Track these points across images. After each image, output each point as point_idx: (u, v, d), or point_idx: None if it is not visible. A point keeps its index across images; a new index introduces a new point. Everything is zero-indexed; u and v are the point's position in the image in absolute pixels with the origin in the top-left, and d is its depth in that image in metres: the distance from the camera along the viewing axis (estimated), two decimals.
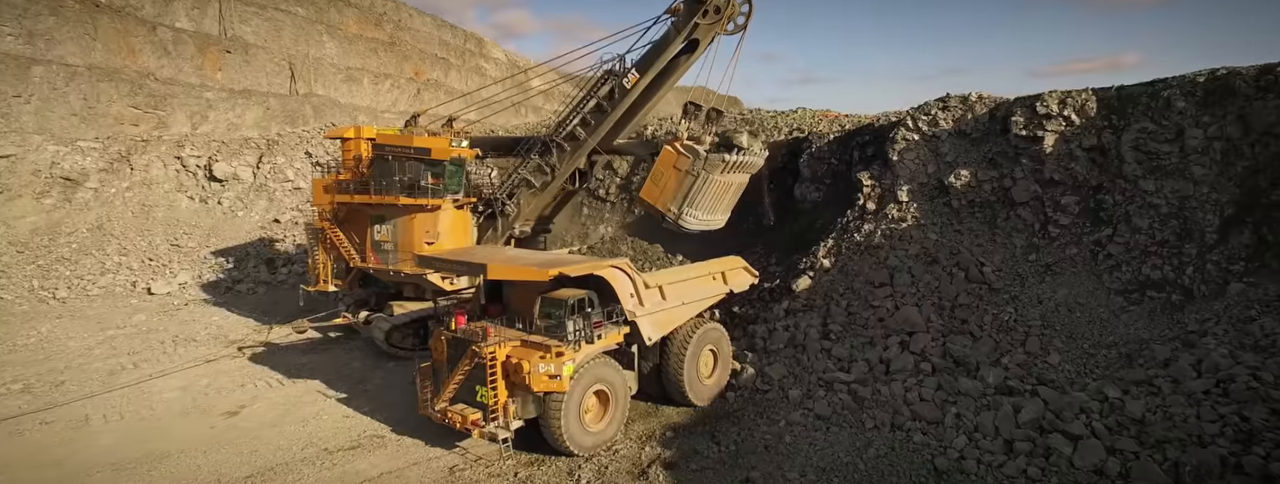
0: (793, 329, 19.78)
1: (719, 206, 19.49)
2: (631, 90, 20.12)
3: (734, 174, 18.93)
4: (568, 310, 14.58)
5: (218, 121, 46.42)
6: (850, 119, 36.63)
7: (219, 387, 17.90)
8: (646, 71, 20.12)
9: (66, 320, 23.84)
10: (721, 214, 20.10)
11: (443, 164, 20.27)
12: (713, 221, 19.84)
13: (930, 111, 22.89)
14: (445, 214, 20.52)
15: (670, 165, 18.77)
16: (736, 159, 18.04)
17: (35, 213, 29.42)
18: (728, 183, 18.94)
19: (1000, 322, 17.26)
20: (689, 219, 18.96)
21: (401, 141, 20.75)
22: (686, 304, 17.03)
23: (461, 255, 15.62)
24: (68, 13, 42.59)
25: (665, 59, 19.99)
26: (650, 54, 20.23)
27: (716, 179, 18.34)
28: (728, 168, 18.22)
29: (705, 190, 18.44)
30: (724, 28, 19.57)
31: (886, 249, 21.30)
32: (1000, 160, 20.77)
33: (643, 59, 20.32)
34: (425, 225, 20.25)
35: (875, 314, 19.10)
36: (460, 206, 21.32)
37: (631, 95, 20.32)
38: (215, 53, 50.05)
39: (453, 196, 20.81)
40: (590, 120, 20.97)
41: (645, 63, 20.24)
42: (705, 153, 18.12)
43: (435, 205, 20.30)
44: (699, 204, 18.65)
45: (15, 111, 37.98)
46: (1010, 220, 19.90)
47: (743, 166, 18.83)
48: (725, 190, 19.11)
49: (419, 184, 20.04)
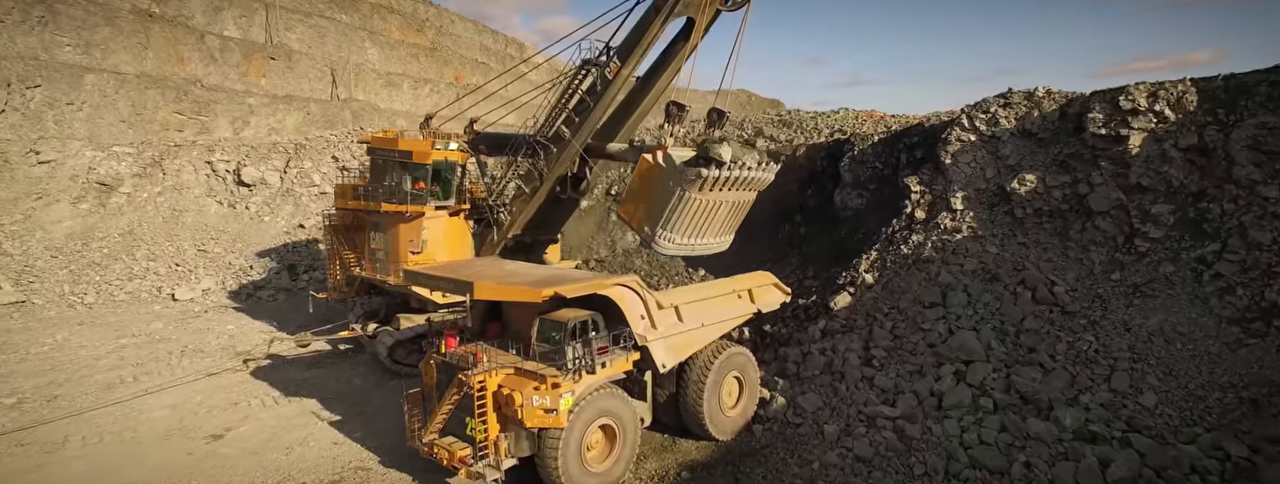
0: (830, 353, 17.38)
1: (707, 228, 16.03)
2: (615, 81, 17.32)
3: (723, 192, 15.27)
4: (567, 334, 12.66)
5: (259, 127, 46.59)
6: (896, 119, 33.77)
7: (211, 405, 16.67)
8: (629, 58, 17.20)
9: (86, 327, 23.28)
10: (714, 237, 16.69)
11: (425, 168, 18.63)
12: (699, 246, 16.43)
13: (989, 109, 20.11)
14: (433, 222, 18.84)
15: (645, 179, 15.76)
16: (717, 175, 14.41)
17: (71, 217, 29.33)
18: (713, 202, 15.31)
19: (1077, 352, 14.49)
20: (664, 242, 15.56)
21: (388, 145, 19.30)
22: (707, 326, 14.88)
23: (449, 270, 13.87)
24: (122, 23, 43.25)
25: (649, 40, 16.97)
26: (632, 37, 17.30)
27: (696, 197, 14.81)
28: (711, 185, 14.66)
29: (683, 210, 14.98)
30: (722, 2, 16.59)
31: (938, 263, 18.66)
32: (1074, 163, 17.84)
33: (624, 44, 17.41)
34: (409, 234, 18.66)
35: (925, 338, 16.54)
36: (455, 214, 19.66)
37: (616, 87, 17.50)
38: (260, 59, 50.42)
39: (439, 203, 19.08)
40: (575, 118, 18.13)
41: (627, 48, 17.32)
42: (681, 166, 14.71)
43: (416, 213, 18.66)
44: (676, 225, 15.25)
45: (68, 118, 38.50)
46: (1086, 232, 16.99)
47: (737, 183, 15.25)
48: (711, 210, 15.49)
49: (401, 189, 18.48)
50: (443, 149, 18.52)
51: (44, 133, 36.05)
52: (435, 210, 18.84)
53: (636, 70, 18.06)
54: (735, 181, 15.06)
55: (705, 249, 16.68)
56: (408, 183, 18.54)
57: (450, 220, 19.38)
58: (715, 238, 16.69)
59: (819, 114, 36.40)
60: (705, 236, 16.29)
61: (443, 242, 18.92)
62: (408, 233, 18.60)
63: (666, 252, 15.79)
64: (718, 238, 16.81)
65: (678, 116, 15.78)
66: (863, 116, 34.64)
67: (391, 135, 20.40)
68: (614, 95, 17.66)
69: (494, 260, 15.25)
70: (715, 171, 14.35)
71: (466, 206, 19.86)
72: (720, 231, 16.66)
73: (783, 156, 30.13)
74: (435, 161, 18.55)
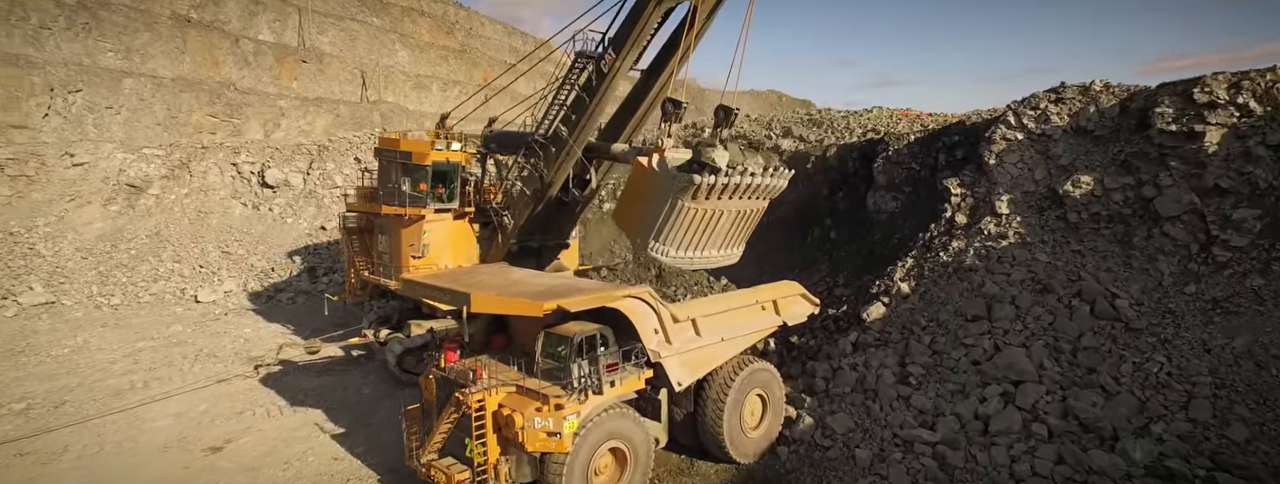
0: (862, 369, 15.96)
1: (707, 240, 14.16)
2: (611, 74, 15.83)
3: (724, 200, 13.46)
4: (573, 350, 11.57)
5: (289, 129, 46.90)
6: (933, 118, 31.90)
7: (215, 414, 16.08)
8: (625, 49, 15.66)
9: (109, 329, 23.14)
10: (717, 249, 14.76)
11: (424, 169, 17.74)
12: (699, 259, 14.57)
13: (1038, 105, 18.39)
14: (435, 225, 17.95)
15: (639, 184, 14.15)
16: (712, 182, 12.66)
17: (102, 219, 29.49)
18: (712, 212, 13.49)
19: (1145, 375, 12.82)
20: (659, 254, 13.75)
21: (391, 145, 18.51)
22: (727, 341, 13.65)
23: (448, 279, 12.92)
24: (161, 28, 43.90)
25: (643, 29, 15.41)
26: (626, 26, 15.77)
27: (691, 207, 13.01)
28: (706, 193, 12.90)
29: (677, 220, 13.20)
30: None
31: (982, 272, 17.05)
32: (1137, 163, 16.04)
33: (618, 33, 15.87)
34: (410, 238, 17.81)
35: (968, 355, 15.01)
36: (460, 217, 18.74)
37: (613, 81, 16.03)
38: (292, 62, 50.82)
39: (440, 206, 18.16)
40: (572, 116, 16.74)
41: (621, 38, 15.78)
42: (673, 172, 12.97)
43: (415, 215, 17.78)
44: (670, 236, 13.43)
45: (107, 122, 39.08)
46: (1153, 240, 15.20)
47: (740, 191, 13.44)
48: (709, 221, 13.67)
49: (401, 191, 17.64)
50: (443, 150, 17.62)
51: (83, 135, 36.64)
52: (435, 213, 17.96)
53: (640, 64, 16.75)
54: (737, 189, 13.32)
55: (706, 262, 14.82)
56: (408, 184, 17.74)
57: (454, 224, 18.49)
58: (718, 251, 14.80)
59: (851, 113, 34.66)
60: (705, 249, 14.41)
61: (446, 246, 18.04)
62: (409, 236, 17.80)
63: (663, 263, 14.22)
64: (722, 250, 14.91)
65: (675, 114, 13.86)
66: (897, 115, 32.82)
67: (395, 136, 19.65)
68: (611, 91, 16.26)
69: (500, 268, 14.31)
70: (709, 178, 12.57)
71: (471, 210, 18.92)
72: (725, 243, 14.80)
73: (811, 157, 28.66)
74: (435, 163, 17.70)
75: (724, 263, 15.02)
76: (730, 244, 14.95)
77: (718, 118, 14.26)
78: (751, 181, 13.37)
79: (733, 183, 13.06)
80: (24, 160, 29.46)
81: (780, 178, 14.02)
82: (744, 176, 13.14)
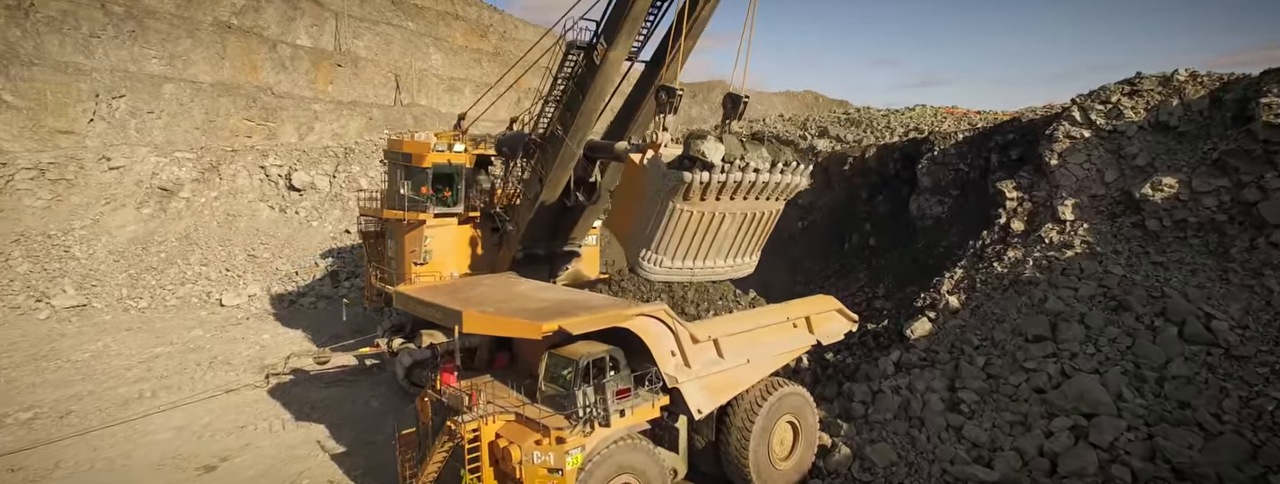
0: (906, 393, 14.17)
1: (709, 248, 12.20)
2: (604, 66, 14.21)
3: (725, 200, 11.56)
4: (578, 375, 10.21)
5: (323, 132, 47.04)
6: (983, 116, 29.55)
7: (217, 428, 15.28)
8: (617, 38, 13.95)
9: (132, 333, 22.85)
10: (723, 259, 12.64)
11: (425, 172, 16.63)
12: (701, 270, 12.49)
13: (1110, 98, 16.27)
14: (438, 231, 16.84)
15: (631, 185, 12.35)
16: (706, 180, 10.91)
17: (135, 222, 29.52)
18: (711, 215, 11.63)
19: (1256, 411, 10.74)
20: (650, 265, 11.83)
21: (396, 148, 17.51)
22: (753, 363, 12.11)
23: (443, 294, 11.68)
24: (203, 35, 44.44)
25: (635, 13, 13.65)
26: (617, 10, 14.05)
27: (684, 209, 11.21)
28: (700, 192, 11.11)
29: (671, 225, 11.36)
30: None
31: (1043, 286, 15.04)
32: (1235, 162, 13.81)
33: (608, 19, 14.23)
34: (411, 243, 16.74)
35: (1030, 381, 13.09)
36: (466, 222, 17.57)
37: (607, 73, 14.42)
38: (328, 66, 51.07)
39: (441, 210, 17.00)
40: (568, 114, 15.25)
41: (612, 24, 14.09)
42: (664, 169, 11.19)
43: (416, 220, 16.67)
44: (664, 244, 11.61)
45: (148, 126, 39.60)
46: (1258, 251, 12.99)
47: (744, 190, 11.54)
48: (710, 225, 11.80)
49: (404, 195, 16.59)
50: (444, 151, 16.50)
51: (126, 140, 37.14)
52: (437, 218, 16.85)
53: (644, 56, 15.23)
54: (739, 188, 11.45)
55: (709, 274, 12.76)
56: (409, 187, 16.70)
57: (459, 229, 17.37)
58: (725, 260, 12.72)
59: (892, 111, 32.48)
60: (708, 259, 12.39)
61: (450, 252, 16.95)
62: (411, 242, 16.79)
63: (654, 277, 12.12)
64: (729, 260, 12.81)
65: (669, 104, 12.04)
66: (942, 113, 30.53)
67: (401, 138, 18.67)
68: (607, 84, 14.63)
69: (505, 279, 13.08)
70: (702, 175, 10.83)
71: (476, 214, 17.75)
72: (732, 252, 12.69)
73: (849, 158, 26.73)
74: (436, 165, 16.61)
75: (733, 274, 13.05)
76: (740, 253, 12.85)
77: (726, 108, 12.51)
78: (755, 179, 11.41)
79: (732, 180, 11.16)
80: (63, 164, 29.74)
81: (794, 175, 12.00)
82: (746, 173, 11.23)
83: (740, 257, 12.92)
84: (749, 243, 12.81)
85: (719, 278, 13.16)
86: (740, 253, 12.84)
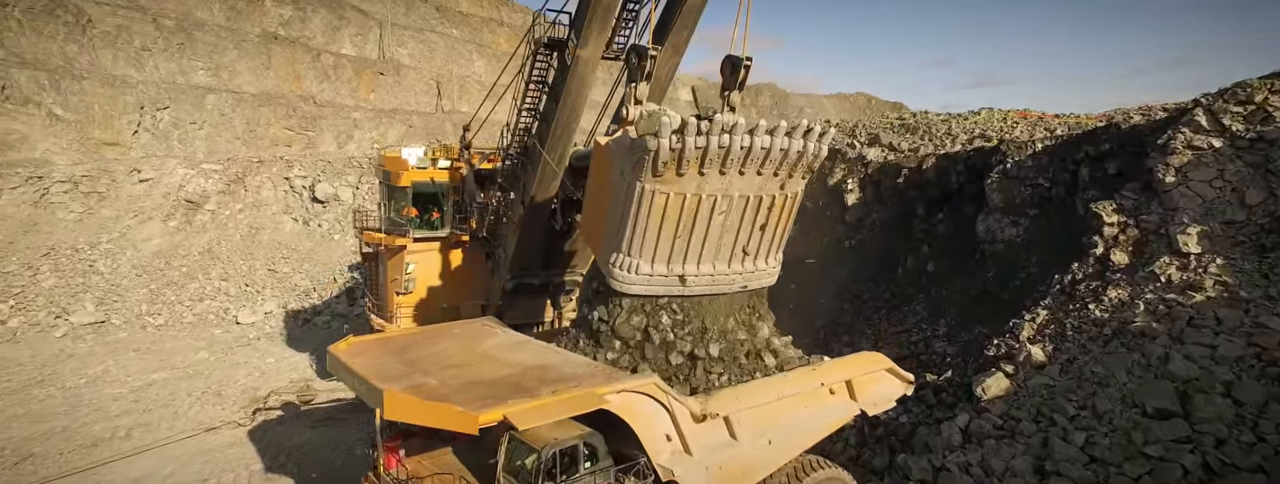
0: (978, 472, 11.03)
1: (699, 247, 9.26)
2: (577, 67, 11.74)
3: (714, 177, 8.67)
4: (539, 472, 7.65)
5: (362, 140, 46.32)
6: (1062, 120, 25.43)
7: (177, 481, 13.46)
8: (588, 35, 11.43)
9: (138, 354, 21.75)
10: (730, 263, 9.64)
11: (405, 191, 14.52)
12: (697, 280, 9.56)
13: (1251, 97, 12.60)
14: (422, 257, 14.67)
15: (600, 176, 9.71)
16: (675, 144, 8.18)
17: (160, 235, 28.86)
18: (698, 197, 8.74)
19: None
20: (621, 272, 9.20)
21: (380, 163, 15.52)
22: (776, 443, 9.29)
23: (383, 356, 9.32)
24: (248, 45, 44.36)
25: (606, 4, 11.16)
26: (583, 5, 11.59)
27: (657, 189, 8.47)
28: (676, 163, 8.31)
29: (643, 212, 8.67)
30: None
31: (1164, 340, 11.55)
32: None
33: (576, 15, 11.83)
34: (393, 271, 14.70)
35: (1156, 476, 9.74)
36: (456, 246, 15.33)
37: (581, 75, 11.94)
38: (370, 75, 50.53)
39: (423, 233, 14.85)
40: (544, 125, 12.87)
41: (581, 16, 11.62)
42: (629, 141, 8.70)
43: (396, 245, 14.54)
44: (636, 242, 8.93)
45: (190, 137, 39.50)
46: None
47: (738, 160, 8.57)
48: (697, 213, 8.88)
49: (387, 216, 14.56)
50: (425, 168, 14.34)
51: (169, 151, 37.02)
52: (417, 242, 14.69)
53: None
54: (730, 158, 8.44)
55: (709, 285, 9.59)
56: (392, 208, 14.67)
57: (448, 255, 15.14)
58: (728, 265, 9.58)
59: (953, 116, 28.60)
60: (701, 262, 9.30)
61: (437, 281, 14.73)
62: (393, 269, 14.73)
63: (630, 290, 9.27)
64: (733, 265, 9.65)
65: (639, 69, 9.55)
66: (1012, 117, 26.51)
67: (386, 152, 16.61)
68: (582, 87, 11.98)
69: (478, 330, 10.65)
70: (671, 140, 7.99)
71: (466, 237, 15.48)
72: (736, 253, 9.55)
73: (904, 170, 23.24)
74: (416, 184, 14.48)
75: (743, 285, 9.88)
76: (748, 255, 9.66)
77: (724, 76, 9.88)
78: (750, 144, 8.39)
79: (717, 146, 8.26)
80: (96, 177, 29.38)
81: (812, 140, 8.99)
82: (735, 135, 8.26)
83: (749, 260, 9.71)
84: (759, 239, 9.63)
85: (723, 289, 9.88)
86: (749, 255, 9.65)
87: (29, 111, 32.70)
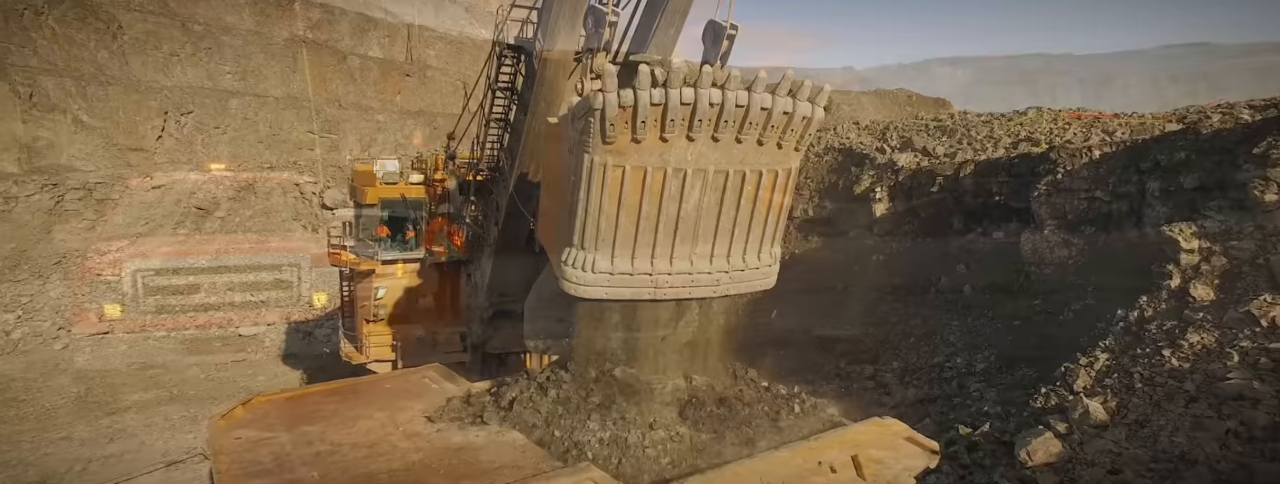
0: None
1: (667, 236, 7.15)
2: (545, 72, 9.84)
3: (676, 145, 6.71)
4: None
5: (385, 143, 45.73)
6: (1124, 121, 22.19)
7: None
8: (555, 29, 9.31)
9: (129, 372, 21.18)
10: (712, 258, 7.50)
11: (373, 209, 13.04)
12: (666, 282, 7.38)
13: None
14: (391, 281, 13.20)
15: (552, 159, 7.99)
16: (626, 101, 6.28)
17: (170, 245, 28.40)
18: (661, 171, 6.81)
19: None
20: (574, 271, 7.17)
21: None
22: None
23: (250, 448, 7.59)
24: (275, 49, 44.17)
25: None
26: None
27: (610, 162, 6.63)
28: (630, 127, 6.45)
29: (594, 192, 6.79)
30: None
31: (1270, 403, 9.00)
32: None
33: (541, 11, 9.93)
34: (363, 294, 13.27)
35: None
36: (432, 268, 13.80)
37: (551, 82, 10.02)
38: (396, 77, 49.98)
39: (391, 256, 13.34)
40: (514, 138, 11.32)
41: (546, 11, 9.62)
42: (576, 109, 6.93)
43: (362, 268, 13.09)
44: (590, 233, 7.00)
45: (214, 141, 39.40)
46: None
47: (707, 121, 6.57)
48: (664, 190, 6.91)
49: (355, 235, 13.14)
50: (392, 184, 12.82)
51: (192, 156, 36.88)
52: (385, 265, 13.17)
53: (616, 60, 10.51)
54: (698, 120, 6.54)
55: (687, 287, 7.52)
56: (362, 228, 13.24)
57: (423, 278, 13.60)
58: (709, 261, 7.48)
59: (995, 116, 25.62)
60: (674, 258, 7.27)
61: (409, 306, 13.23)
62: (362, 294, 13.32)
63: (586, 294, 7.23)
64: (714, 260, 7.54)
65: (595, 36, 7.93)
66: (1065, 118, 23.41)
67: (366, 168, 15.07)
68: (554, 96, 9.99)
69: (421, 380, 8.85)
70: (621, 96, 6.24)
71: (443, 259, 13.88)
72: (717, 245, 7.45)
73: (938, 178, 20.60)
74: (383, 201, 12.96)
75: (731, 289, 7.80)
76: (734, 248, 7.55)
77: (705, 44, 8.16)
78: (722, 102, 6.45)
79: (679, 103, 6.38)
80: (109, 184, 29.11)
81: (803, 99, 6.89)
82: (700, 92, 6.36)
83: (735, 255, 7.60)
84: (746, 226, 7.51)
85: (705, 293, 7.73)
86: (734, 248, 7.54)
87: (55, 118, 32.79)
